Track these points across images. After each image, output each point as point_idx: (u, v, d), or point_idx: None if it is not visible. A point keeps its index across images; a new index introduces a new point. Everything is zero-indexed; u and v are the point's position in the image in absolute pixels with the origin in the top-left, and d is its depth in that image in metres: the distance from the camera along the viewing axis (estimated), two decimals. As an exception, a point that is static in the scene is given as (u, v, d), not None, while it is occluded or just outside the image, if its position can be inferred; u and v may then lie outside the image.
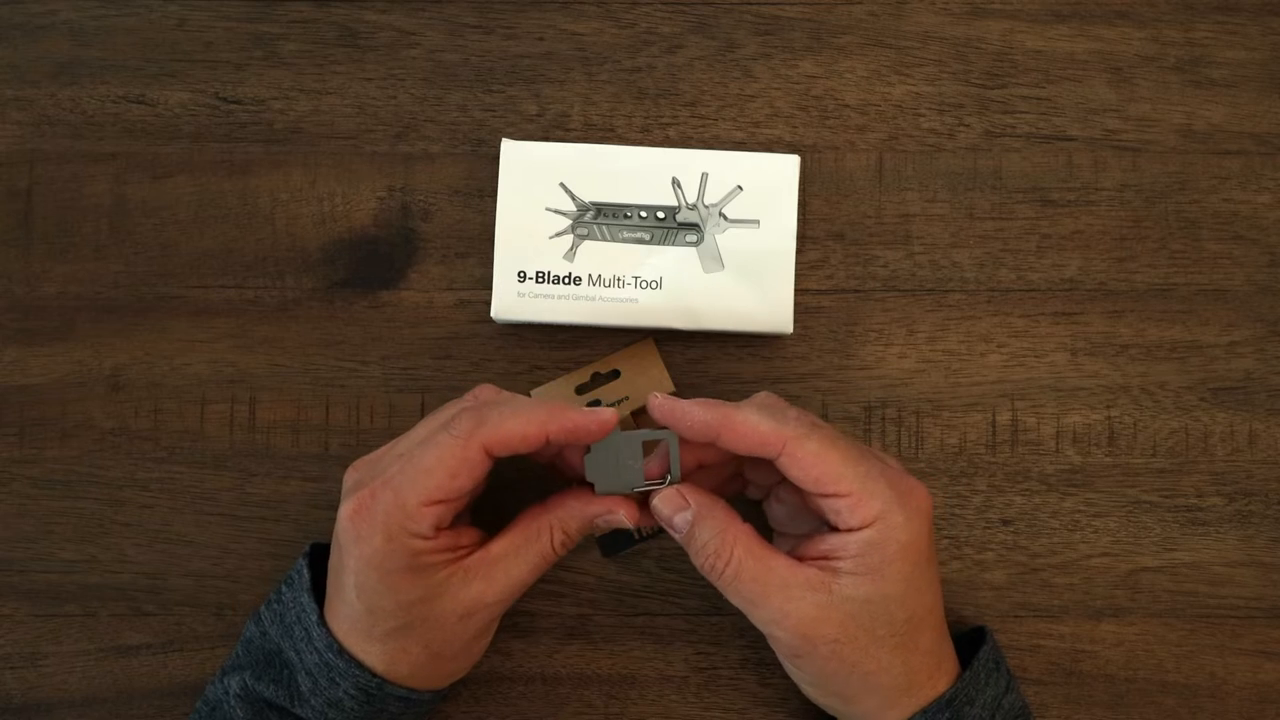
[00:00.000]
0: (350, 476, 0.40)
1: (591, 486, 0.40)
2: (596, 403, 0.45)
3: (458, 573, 0.38)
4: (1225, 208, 0.47)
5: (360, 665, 0.39)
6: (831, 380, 0.46)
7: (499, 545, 0.39)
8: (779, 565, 0.38)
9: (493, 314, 0.44)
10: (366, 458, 0.40)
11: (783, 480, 0.40)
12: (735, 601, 0.39)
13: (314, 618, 0.39)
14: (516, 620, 0.46)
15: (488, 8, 0.47)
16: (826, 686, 0.40)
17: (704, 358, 0.46)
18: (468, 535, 0.40)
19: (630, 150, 0.44)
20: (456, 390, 0.46)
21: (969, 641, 0.43)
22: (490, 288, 0.44)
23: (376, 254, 0.47)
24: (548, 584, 0.46)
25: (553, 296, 0.44)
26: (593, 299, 0.43)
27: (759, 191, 0.44)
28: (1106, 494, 0.46)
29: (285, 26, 0.47)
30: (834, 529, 0.38)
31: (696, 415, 0.38)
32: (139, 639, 0.46)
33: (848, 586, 0.37)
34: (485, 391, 0.41)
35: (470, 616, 0.39)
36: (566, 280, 0.43)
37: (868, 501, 0.37)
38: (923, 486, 0.39)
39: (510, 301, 0.44)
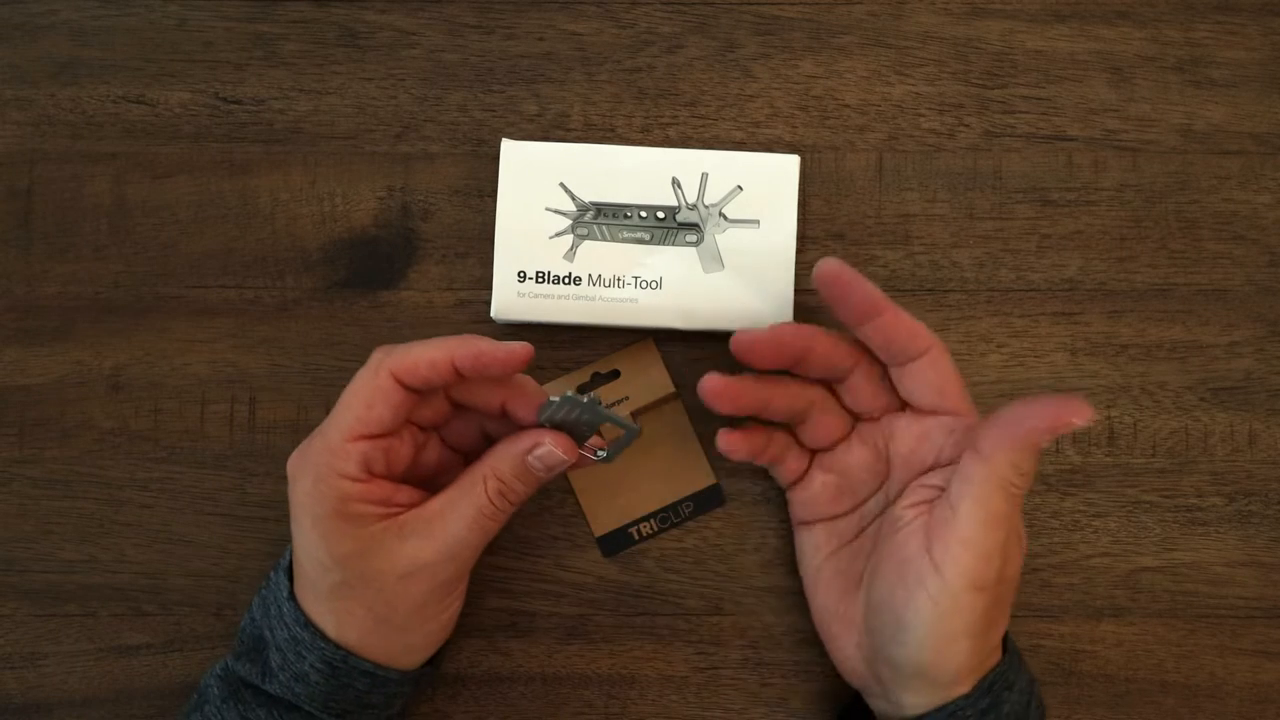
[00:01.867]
0: None
1: None
2: (596, 402, 0.45)
3: (392, 528, 0.38)
4: (1225, 208, 0.47)
5: (324, 637, 0.38)
6: (831, 380, 0.46)
7: (435, 501, 0.39)
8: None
9: (493, 314, 0.44)
10: None
11: (853, 371, 0.41)
12: (964, 493, 0.37)
13: (284, 593, 0.39)
14: (516, 620, 0.46)
15: (488, 8, 0.47)
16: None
17: (704, 358, 0.46)
18: (408, 494, 0.39)
19: (630, 150, 0.44)
20: (456, 390, 0.46)
21: None
22: (490, 288, 0.44)
23: (376, 254, 0.47)
24: (547, 584, 0.46)
25: (553, 296, 0.44)
26: (593, 299, 0.43)
27: (759, 191, 0.44)
28: (1106, 494, 0.46)
29: (285, 26, 0.47)
30: (931, 468, 0.39)
31: (865, 287, 0.38)
32: (139, 639, 0.46)
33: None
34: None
35: (410, 577, 0.38)
36: (566, 280, 0.43)
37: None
38: None
39: (510, 301, 0.44)
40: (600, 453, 0.40)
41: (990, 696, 0.38)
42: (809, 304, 0.46)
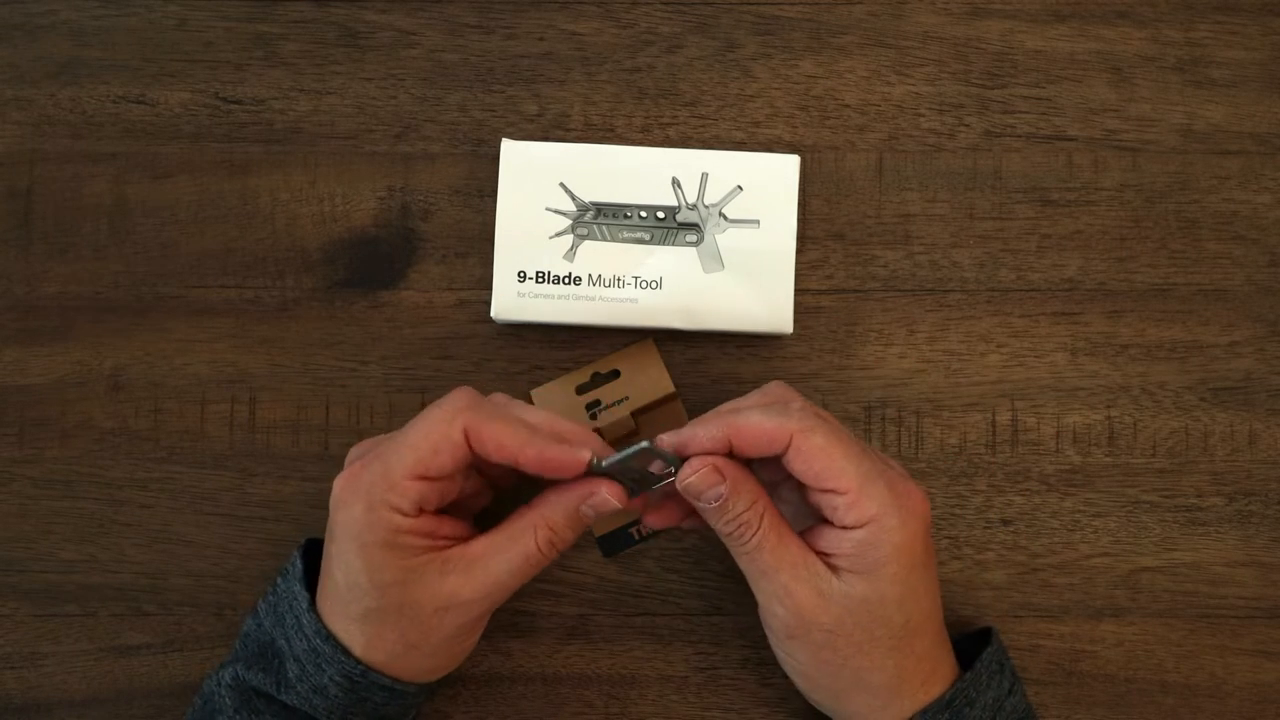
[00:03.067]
0: (352, 452, 0.41)
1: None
2: (597, 403, 0.45)
3: (435, 562, 0.38)
4: (1225, 208, 0.47)
5: (346, 652, 0.39)
6: (831, 380, 0.46)
7: (481, 542, 0.39)
8: (794, 545, 0.38)
9: (493, 314, 0.44)
10: (374, 438, 0.41)
11: (786, 479, 0.40)
12: (747, 570, 0.39)
13: (304, 604, 0.39)
14: (516, 620, 0.46)
15: (488, 8, 0.47)
16: (817, 678, 0.40)
17: (704, 358, 0.46)
18: (454, 528, 0.39)
19: (630, 150, 0.44)
20: (456, 390, 0.46)
21: (976, 642, 0.43)
22: (490, 288, 0.44)
23: (376, 254, 0.47)
24: (547, 584, 0.46)
25: (553, 296, 0.44)
26: (593, 299, 0.43)
27: (759, 191, 0.44)
28: (1106, 494, 0.46)
29: (285, 26, 0.47)
30: (830, 525, 0.38)
31: (702, 437, 0.38)
32: (139, 639, 0.46)
33: (846, 583, 0.38)
34: (499, 398, 0.41)
35: (446, 611, 0.38)
36: (566, 280, 0.43)
37: (864, 502, 0.37)
38: (921, 491, 0.39)
39: (510, 301, 0.44)
40: (671, 470, 0.39)
41: (949, 712, 0.39)
42: (808, 304, 0.46)
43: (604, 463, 0.38)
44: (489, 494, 0.43)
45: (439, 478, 0.38)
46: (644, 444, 0.37)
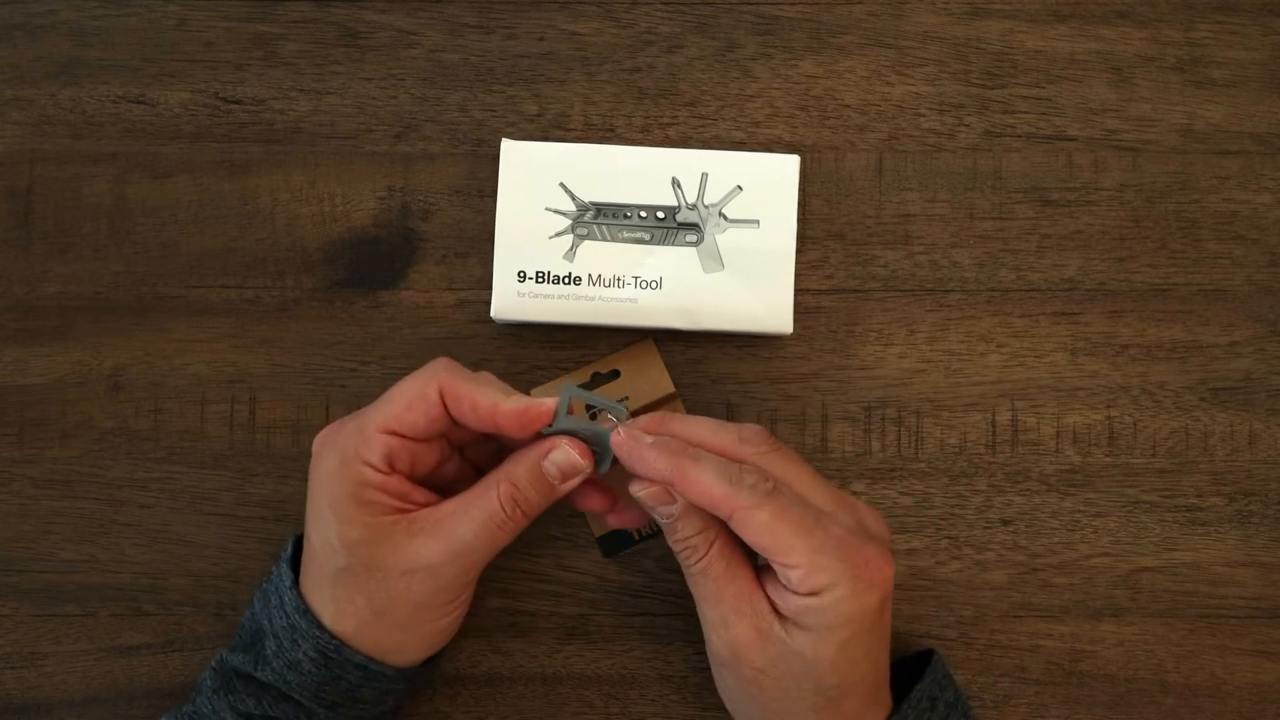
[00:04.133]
0: (319, 439, 0.41)
1: None
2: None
3: (402, 523, 0.38)
4: (1225, 208, 0.47)
5: (320, 626, 0.39)
6: (831, 380, 0.46)
7: (448, 504, 0.39)
8: (743, 579, 0.38)
9: (493, 314, 0.44)
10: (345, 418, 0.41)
11: None
12: (694, 591, 0.40)
13: (288, 582, 0.40)
14: (516, 620, 0.46)
15: (488, 8, 0.47)
16: (741, 707, 0.40)
17: (704, 358, 0.46)
18: (423, 495, 0.40)
19: (630, 150, 0.44)
20: (456, 390, 0.46)
21: (919, 664, 0.43)
22: (490, 288, 0.44)
23: (376, 254, 0.47)
24: (547, 584, 0.46)
25: (553, 296, 0.44)
26: (593, 299, 0.43)
27: (759, 191, 0.44)
28: (1106, 494, 0.46)
29: (285, 26, 0.47)
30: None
31: (651, 463, 0.37)
32: (139, 639, 0.46)
33: (787, 631, 0.37)
34: (484, 376, 0.41)
35: (412, 574, 0.38)
36: (566, 280, 0.43)
37: (815, 575, 0.36)
38: (884, 558, 0.38)
39: (510, 301, 0.44)
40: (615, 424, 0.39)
41: None
42: (808, 304, 0.46)
43: (563, 424, 0.39)
44: (470, 477, 0.42)
45: (412, 435, 0.38)
46: (607, 418, 0.39)
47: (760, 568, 0.39)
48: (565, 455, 0.39)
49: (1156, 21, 0.47)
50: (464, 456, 0.42)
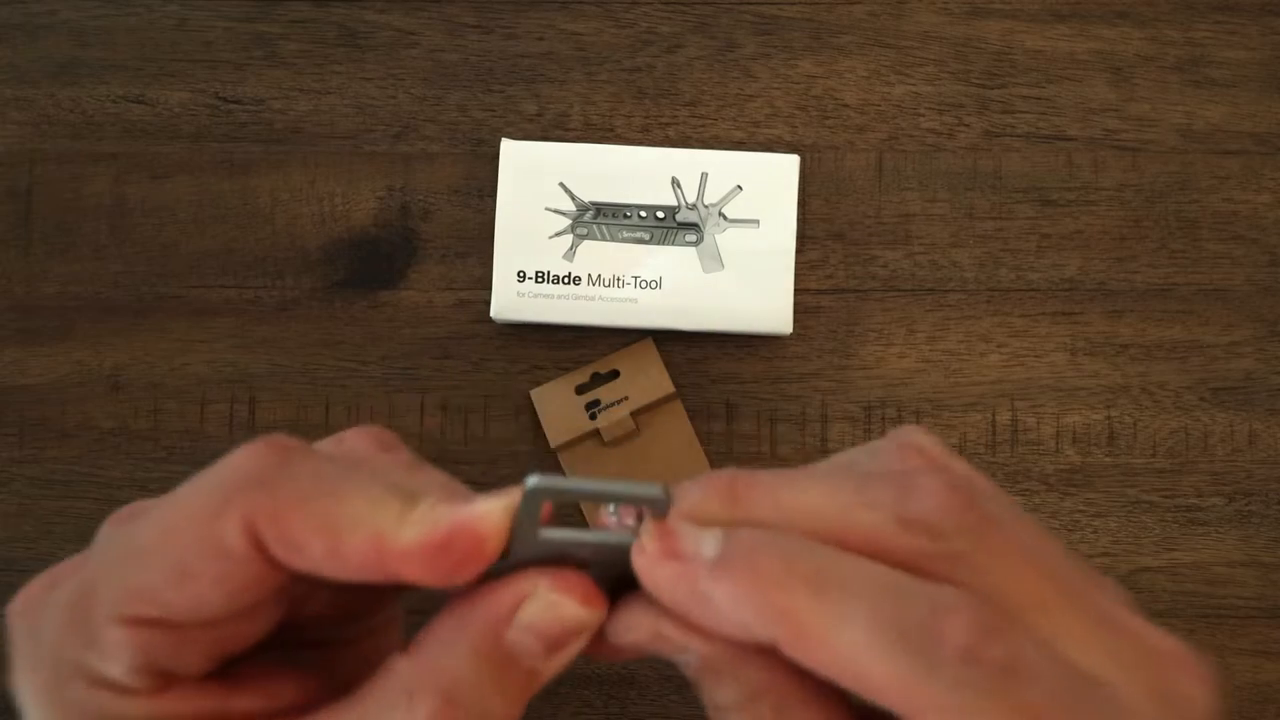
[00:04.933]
0: (99, 535, 0.22)
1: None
2: (596, 403, 0.45)
3: None
4: (1225, 207, 0.47)
5: None
6: (831, 380, 0.46)
7: None
8: None
9: (492, 314, 0.44)
10: (140, 503, 0.22)
11: None
12: None
13: None
14: (516, 620, 0.46)
15: (488, 8, 0.47)
16: None
17: (704, 358, 0.46)
18: (254, 696, 0.20)
19: (630, 150, 0.44)
20: (457, 390, 0.46)
21: None
22: (490, 287, 0.44)
23: (376, 254, 0.47)
24: (547, 584, 0.46)
25: (552, 296, 0.44)
26: (592, 299, 0.43)
27: (759, 191, 0.44)
28: (1106, 494, 0.46)
29: (285, 26, 0.47)
30: None
31: (726, 612, 0.19)
32: (139, 639, 0.46)
33: None
34: (364, 440, 0.22)
35: None
36: (566, 280, 0.43)
37: None
38: None
39: (510, 301, 0.44)
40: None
41: None
42: (808, 304, 0.46)
43: (530, 549, 0.20)
44: (376, 608, 0.23)
45: (190, 621, 0.19)
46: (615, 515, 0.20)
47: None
48: (551, 606, 0.20)
49: (1156, 21, 0.47)
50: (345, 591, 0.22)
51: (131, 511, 0.22)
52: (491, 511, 0.19)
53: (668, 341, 0.46)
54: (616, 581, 0.20)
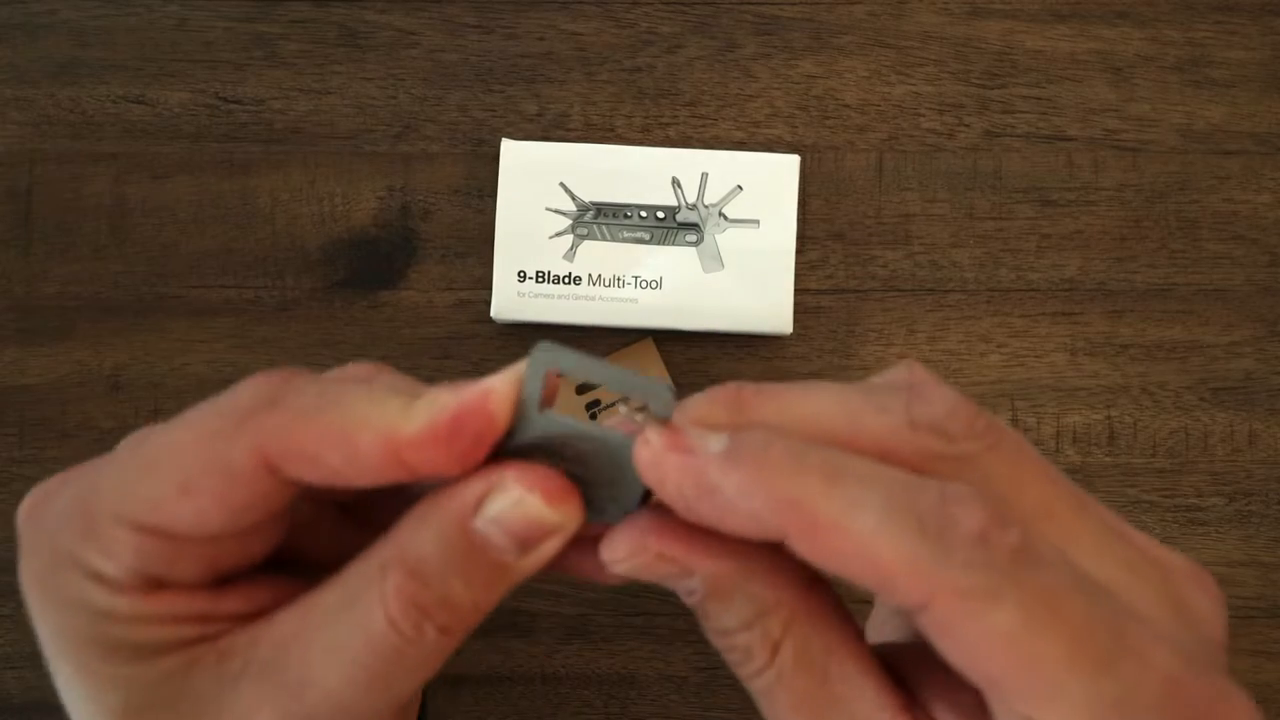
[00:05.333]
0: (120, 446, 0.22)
1: None
2: (596, 403, 0.45)
3: (209, 659, 0.20)
4: (1225, 207, 0.47)
5: None
6: (832, 380, 0.46)
7: (290, 616, 0.20)
8: (857, 702, 0.19)
9: (493, 314, 0.44)
10: (145, 430, 0.22)
11: None
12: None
13: None
14: (516, 620, 0.46)
15: (488, 7, 0.47)
16: None
17: (704, 358, 0.46)
18: (241, 599, 0.21)
19: (630, 150, 0.44)
20: (456, 390, 0.46)
21: None
22: (490, 288, 0.44)
23: (376, 254, 0.47)
24: (547, 584, 0.46)
25: (553, 296, 0.44)
26: (592, 299, 0.43)
27: (759, 191, 0.44)
28: (1106, 494, 0.46)
29: (285, 26, 0.47)
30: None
31: (735, 500, 0.18)
32: (139, 639, 0.46)
33: None
34: (364, 367, 0.23)
35: None
36: (566, 280, 0.43)
37: None
38: (1244, 696, 0.21)
39: (510, 301, 0.44)
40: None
41: None
42: (808, 304, 0.46)
43: (539, 427, 0.20)
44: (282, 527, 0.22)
45: (193, 534, 0.20)
46: (624, 411, 0.20)
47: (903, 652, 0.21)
48: (517, 502, 0.20)
49: (1156, 21, 0.47)
50: (352, 517, 0.24)
51: (152, 427, 0.22)
52: (498, 382, 0.19)
53: (668, 341, 0.46)
54: (613, 501, 0.20)
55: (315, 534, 0.23)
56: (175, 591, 0.20)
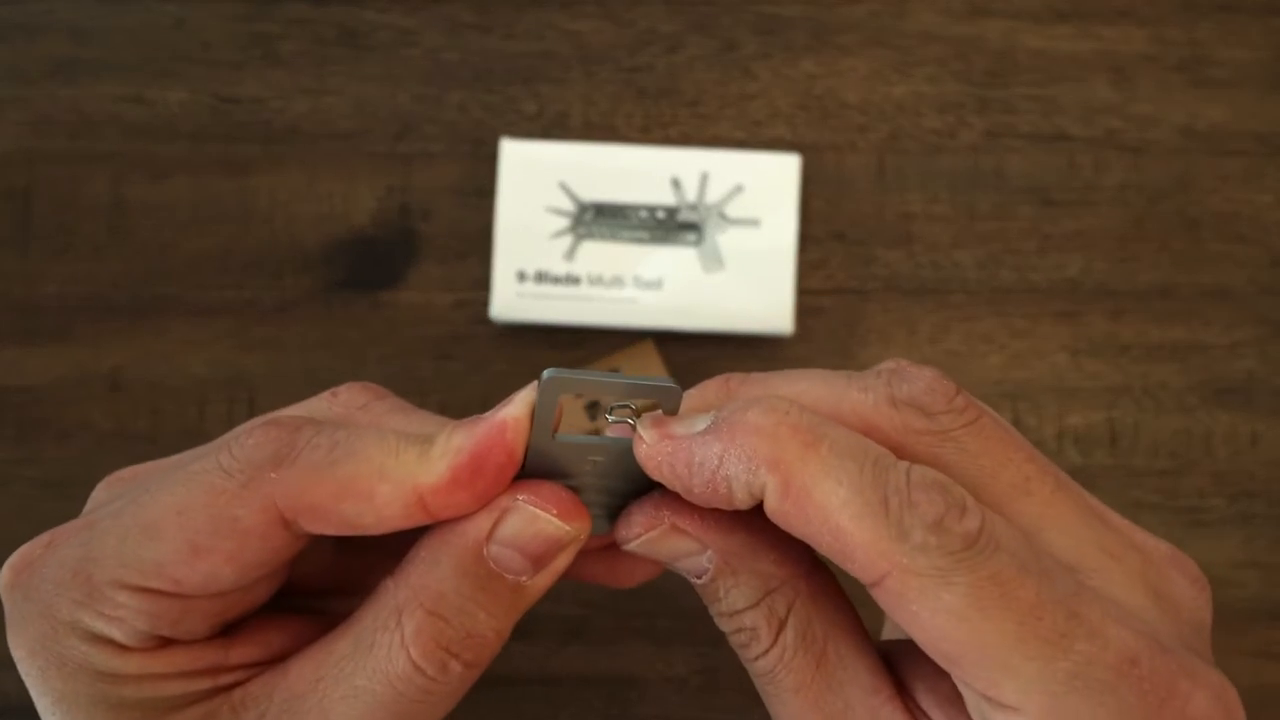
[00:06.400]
0: (95, 496, 0.22)
1: None
2: (596, 404, 0.45)
3: (225, 709, 0.20)
4: (1227, 208, 0.47)
5: None
6: (832, 381, 0.46)
7: (305, 664, 0.20)
8: (851, 686, 0.20)
9: (492, 314, 0.44)
10: (137, 469, 0.22)
11: None
12: (767, 704, 0.21)
13: None
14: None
15: (487, 7, 0.47)
16: None
17: (704, 358, 0.46)
18: (252, 647, 0.21)
19: (630, 150, 0.44)
20: (456, 391, 0.46)
21: None
22: (490, 288, 0.44)
23: (376, 254, 0.46)
24: (547, 585, 0.46)
25: (552, 296, 0.43)
26: (592, 299, 0.43)
27: (759, 191, 0.44)
28: (1108, 495, 0.46)
29: (284, 26, 0.47)
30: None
31: (721, 468, 0.19)
32: (138, 640, 0.46)
33: None
34: (359, 393, 0.24)
35: None
36: (566, 280, 0.43)
37: None
38: (1214, 693, 0.19)
39: (510, 301, 0.44)
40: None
41: None
42: (809, 304, 0.46)
43: (543, 450, 0.20)
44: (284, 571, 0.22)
45: (200, 594, 0.20)
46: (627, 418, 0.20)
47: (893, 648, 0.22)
48: (530, 521, 0.20)
49: (1158, 21, 0.47)
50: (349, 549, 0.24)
51: (131, 474, 0.22)
52: (511, 413, 0.20)
53: (668, 341, 0.46)
54: (630, 497, 0.21)
55: (312, 562, 0.23)
56: (183, 647, 0.20)
